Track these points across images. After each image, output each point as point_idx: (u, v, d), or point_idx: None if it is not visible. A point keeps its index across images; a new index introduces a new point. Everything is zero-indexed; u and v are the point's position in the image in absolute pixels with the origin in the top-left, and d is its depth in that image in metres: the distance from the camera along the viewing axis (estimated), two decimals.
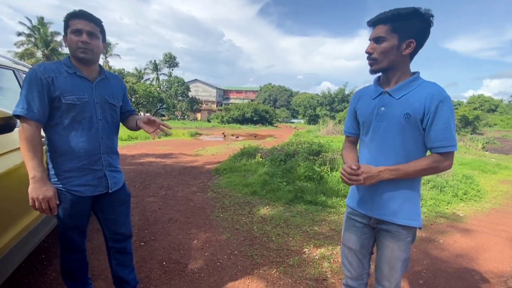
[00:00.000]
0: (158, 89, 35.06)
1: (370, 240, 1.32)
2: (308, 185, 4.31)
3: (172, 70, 39.72)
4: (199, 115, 40.87)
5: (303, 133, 17.00)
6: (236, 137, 16.40)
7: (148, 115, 1.74)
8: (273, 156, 5.79)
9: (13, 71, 2.01)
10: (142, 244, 2.58)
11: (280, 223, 3.14)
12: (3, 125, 1.33)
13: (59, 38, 28.38)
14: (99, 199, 1.50)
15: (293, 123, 45.22)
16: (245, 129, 25.30)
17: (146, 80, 39.67)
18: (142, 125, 1.47)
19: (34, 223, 1.72)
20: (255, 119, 32.44)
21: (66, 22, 1.34)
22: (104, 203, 1.53)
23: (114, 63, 35.52)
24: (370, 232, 1.30)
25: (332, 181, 4.51)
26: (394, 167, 1.13)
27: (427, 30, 1.11)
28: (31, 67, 2.49)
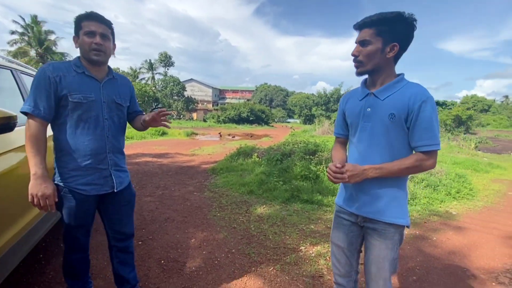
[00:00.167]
0: (154, 88, 34.91)
1: (358, 238, 1.34)
2: (304, 184, 4.35)
3: (168, 69, 39.64)
4: (195, 115, 40.75)
5: (299, 133, 17.07)
6: (232, 136, 16.41)
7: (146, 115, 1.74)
8: (270, 156, 5.82)
9: (11, 70, 2.00)
10: (140, 243, 2.59)
11: (277, 222, 3.17)
12: (3, 124, 1.33)
13: (53, 37, 28.08)
14: (104, 198, 1.52)
15: (289, 122, 45.33)
16: (241, 129, 25.31)
17: (142, 79, 39.47)
18: (147, 123, 1.50)
19: (33, 222, 1.73)
20: (251, 119, 32.45)
21: (78, 24, 1.36)
22: (109, 202, 1.55)
23: (109, 62, 35.10)
24: (358, 230, 1.33)
25: (328, 180, 4.56)
26: (379, 166, 1.16)
27: (411, 34, 1.15)
28: (29, 67, 2.49)
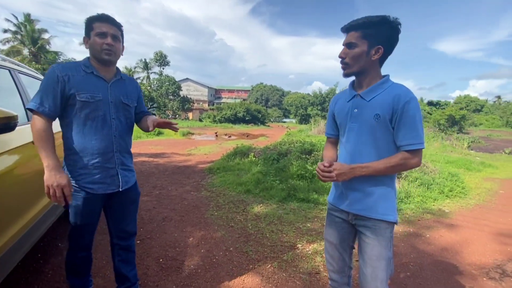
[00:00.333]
0: (149, 88, 34.68)
1: (350, 235, 1.37)
2: (301, 183, 4.40)
3: (163, 69, 39.34)
4: (190, 115, 40.63)
5: (295, 133, 17.14)
6: (228, 136, 16.42)
7: (154, 118, 1.76)
8: (266, 155, 5.86)
9: (9, 70, 2.01)
10: (138, 242, 2.61)
11: (274, 220, 3.21)
12: (4, 124, 1.34)
13: (46, 36, 27.73)
14: (110, 197, 1.54)
15: (284, 122, 45.45)
16: (237, 129, 25.33)
17: (137, 79, 39.08)
18: (152, 128, 1.52)
19: (32, 221, 1.74)
20: (247, 118, 32.49)
21: (89, 25, 1.39)
22: (114, 201, 1.57)
23: None
24: (349, 227, 1.35)
25: (326, 182, 4.61)
26: (365, 164, 1.20)
27: (395, 37, 1.18)
28: (27, 67, 2.49)
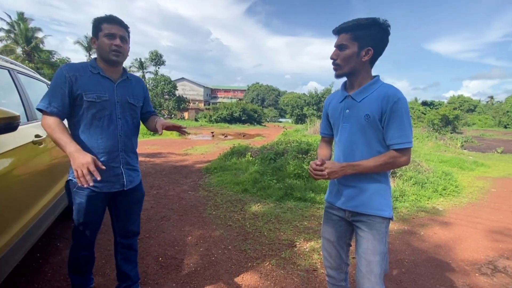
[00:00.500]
0: None
1: (346, 232, 1.41)
2: (298, 183, 4.45)
3: (159, 68, 39.08)
4: (186, 114, 40.47)
5: (291, 132, 17.21)
6: (225, 136, 16.42)
7: (163, 121, 1.77)
8: (263, 155, 5.90)
9: (8, 70, 2.01)
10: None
11: (272, 219, 3.25)
12: (7, 124, 1.35)
13: (40, 34, 27.38)
14: (115, 196, 1.56)
15: (280, 122, 45.56)
16: (233, 128, 25.33)
17: None
18: (161, 131, 1.53)
19: (32, 221, 1.75)
20: (243, 118, 32.48)
21: (98, 26, 1.41)
22: (119, 200, 1.59)
23: None
24: (346, 225, 1.39)
25: (319, 180, 4.66)
26: (356, 163, 1.24)
27: (385, 38, 1.22)
28: (26, 67, 2.49)
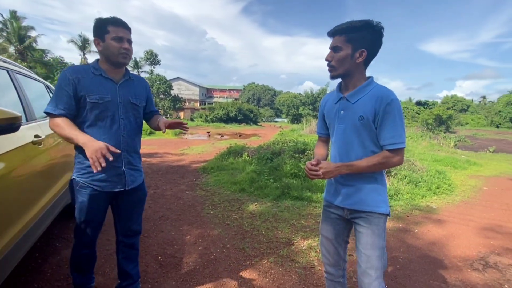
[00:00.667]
0: None
1: (344, 230, 1.44)
2: (294, 182, 4.49)
3: (154, 67, 38.73)
4: (182, 114, 40.28)
5: (287, 132, 17.28)
6: (221, 136, 16.42)
7: (165, 120, 1.79)
8: (260, 155, 5.93)
9: (7, 71, 2.01)
10: None
11: (269, 218, 3.29)
12: (9, 125, 1.36)
13: (33, 33, 27.05)
14: (117, 195, 1.58)
15: (276, 122, 45.61)
16: (229, 128, 25.31)
17: None
18: (164, 129, 1.56)
19: (32, 221, 1.75)
20: (239, 118, 32.47)
21: (104, 27, 1.42)
22: (121, 200, 1.61)
23: (93, 59, 33.99)
24: (344, 223, 1.42)
25: (314, 179, 4.71)
26: (350, 163, 1.27)
27: (378, 40, 1.24)
28: (25, 68, 2.49)
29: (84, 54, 32.89)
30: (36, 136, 1.93)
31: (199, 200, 3.93)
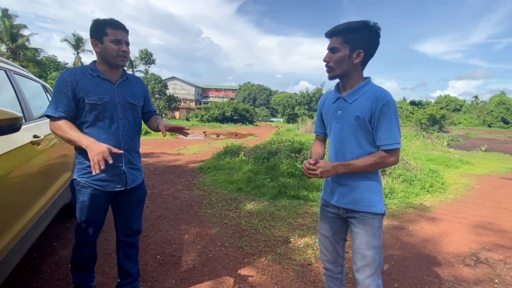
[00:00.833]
0: None
1: (342, 228, 1.46)
2: (291, 181, 4.54)
3: (149, 67, 38.51)
4: (177, 114, 40.10)
5: (283, 132, 17.34)
6: (217, 135, 16.42)
7: (166, 123, 1.80)
8: (257, 154, 5.96)
9: (5, 71, 2.01)
10: None
11: (266, 217, 3.33)
12: (10, 125, 1.38)
13: (25, 32, 26.71)
14: (118, 195, 1.60)
15: (272, 121, 45.68)
16: (225, 128, 25.30)
17: None
18: (165, 133, 1.55)
19: (32, 221, 1.76)
20: (235, 118, 32.48)
21: (102, 29, 1.42)
22: (122, 199, 1.63)
23: (87, 59, 33.69)
24: (341, 221, 1.43)
25: (312, 178, 4.76)
26: (347, 162, 1.28)
27: (375, 41, 1.26)
28: (22, 68, 2.49)
29: (78, 53, 32.52)
30: (35, 136, 1.93)
31: (197, 199, 3.95)
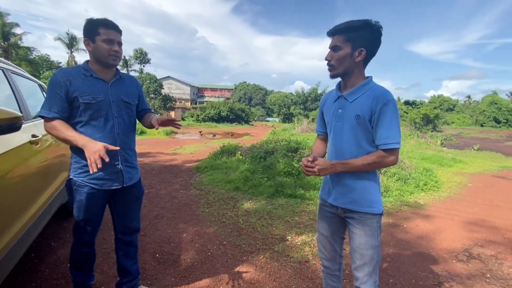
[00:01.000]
0: None
1: (340, 227, 1.46)
2: (288, 180, 4.58)
3: (144, 66, 38.17)
4: (172, 113, 39.88)
5: (279, 131, 17.40)
6: (213, 135, 16.40)
7: (158, 117, 1.82)
8: (253, 154, 5.99)
9: (3, 70, 2.01)
10: None
11: (264, 215, 3.36)
12: (11, 124, 1.38)
13: (17, 30, 26.32)
14: (115, 193, 1.61)
15: (268, 121, 45.73)
16: (221, 128, 25.26)
17: None
18: (157, 126, 1.58)
19: (31, 220, 1.76)
20: (231, 117, 32.45)
21: (94, 29, 1.43)
22: (119, 197, 1.64)
23: (81, 58, 33.31)
24: (340, 220, 1.43)
25: (310, 176, 4.81)
26: (345, 161, 1.27)
27: (377, 39, 1.25)
28: (19, 67, 2.48)
29: (72, 52, 32.14)
30: (33, 136, 1.94)
31: (194, 199, 3.96)
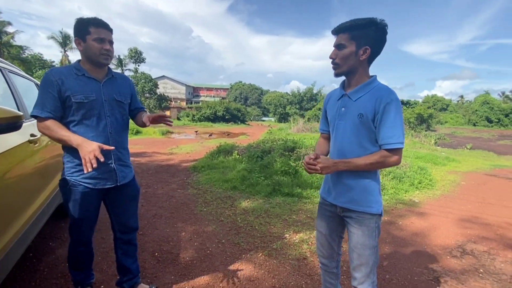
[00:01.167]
0: None
1: (338, 226, 1.46)
2: (285, 179, 4.61)
3: (138, 66, 37.91)
4: (168, 113, 39.69)
5: (275, 131, 17.43)
6: (209, 135, 16.37)
7: (149, 114, 1.81)
8: (250, 153, 6.01)
9: (0, 69, 2.00)
10: None
11: (262, 214, 3.39)
12: (12, 124, 1.38)
13: (10, 28, 25.96)
14: (109, 192, 1.61)
15: (264, 121, 45.76)
16: (217, 127, 25.21)
17: None
18: (148, 123, 1.57)
19: (30, 219, 1.76)
20: (227, 117, 32.41)
21: (85, 28, 1.43)
22: (114, 197, 1.64)
23: (74, 57, 32.94)
24: (338, 219, 1.44)
25: (307, 175, 4.85)
26: (347, 160, 1.27)
27: (382, 38, 1.24)
28: (16, 67, 2.46)
29: (65, 51, 31.77)
30: (32, 135, 1.93)
31: (192, 198, 3.97)
